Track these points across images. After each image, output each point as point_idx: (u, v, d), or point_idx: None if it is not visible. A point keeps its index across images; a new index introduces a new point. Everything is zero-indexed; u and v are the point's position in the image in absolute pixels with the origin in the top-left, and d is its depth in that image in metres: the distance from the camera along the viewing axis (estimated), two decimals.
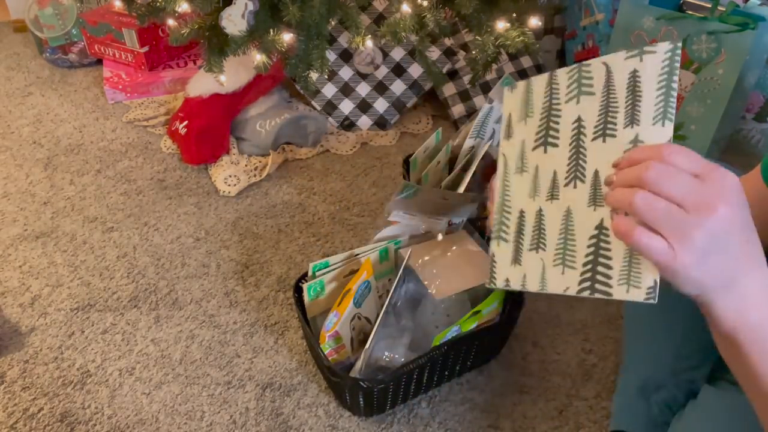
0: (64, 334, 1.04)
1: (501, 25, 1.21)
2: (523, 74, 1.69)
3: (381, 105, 1.59)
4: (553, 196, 0.56)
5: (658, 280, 0.47)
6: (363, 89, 1.60)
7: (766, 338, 0.46)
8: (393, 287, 0.92)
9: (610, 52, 0.51)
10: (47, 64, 1.86)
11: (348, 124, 1.60)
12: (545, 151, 0.57)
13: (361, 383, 0.85)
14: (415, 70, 1.61)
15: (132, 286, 1.14)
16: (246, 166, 1.42)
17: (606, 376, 1.01)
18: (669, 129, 0.48)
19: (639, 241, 0.43)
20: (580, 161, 0.54)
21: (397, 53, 1.61)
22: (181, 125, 1.44)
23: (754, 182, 0.68)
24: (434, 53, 1.60)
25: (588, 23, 1.67)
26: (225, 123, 1.46)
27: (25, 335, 1.04)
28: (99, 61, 1.84)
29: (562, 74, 0.56)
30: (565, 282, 0.54)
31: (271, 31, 1.19)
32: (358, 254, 0.97)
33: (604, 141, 0.52)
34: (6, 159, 1.46)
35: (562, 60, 1.83)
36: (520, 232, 0.56)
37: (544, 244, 0.56)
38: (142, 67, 1.74)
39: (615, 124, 0.52)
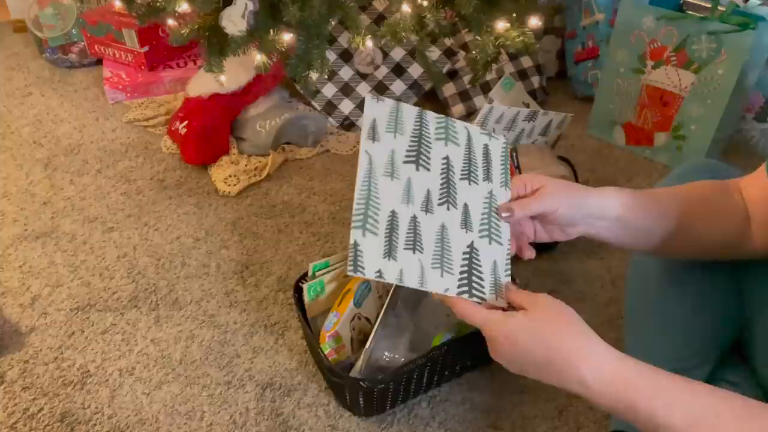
0: (64, 334, 1.04)
1: (501, 25, 1.21)
2: (523, 74, 1.69)
3: None
4: (428, 210, 0.62)
5: None
6: (363, 89, 1.59)
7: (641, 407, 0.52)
8: (393, 287, 0.92)
9: (611, 52, 0.53)
10: (47, 64, 1.86)
11: (348, 124, 1.60)
12: (417, 169, 0.63)
13: (361, 383, 0.85)
14: (415, 70, 1.61)
15: (132, 286, 1.14)
16: (246, 166, 1.42)
17: None
18: (508, 193, 0.66)
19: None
20: (451, 191, 0.63)
21: (397, 53, 1.61)
22: (181, 125, 1.43)
23: (759, 181, 0.68)
24: (434, 53, 1.60)
25: (588, 23, 1.67)
26: (225, 123, 1.46)
27: (25, 335, 1.04)
28: (99, 61, 1.84)
29: (431, 117, 0.66)
30: (444, 283, 0.60)
31: (271, 31, 1.19)
32: None
33: (469, 184, 0.64)
34: (6, 159, 1.46)
35: (562, 60, 1.83)
36: (392, 230, 0.59)
37: (421, 247, 0.60)
38: (142, 67, 1.74)
39: (477, 175, 0.65)
